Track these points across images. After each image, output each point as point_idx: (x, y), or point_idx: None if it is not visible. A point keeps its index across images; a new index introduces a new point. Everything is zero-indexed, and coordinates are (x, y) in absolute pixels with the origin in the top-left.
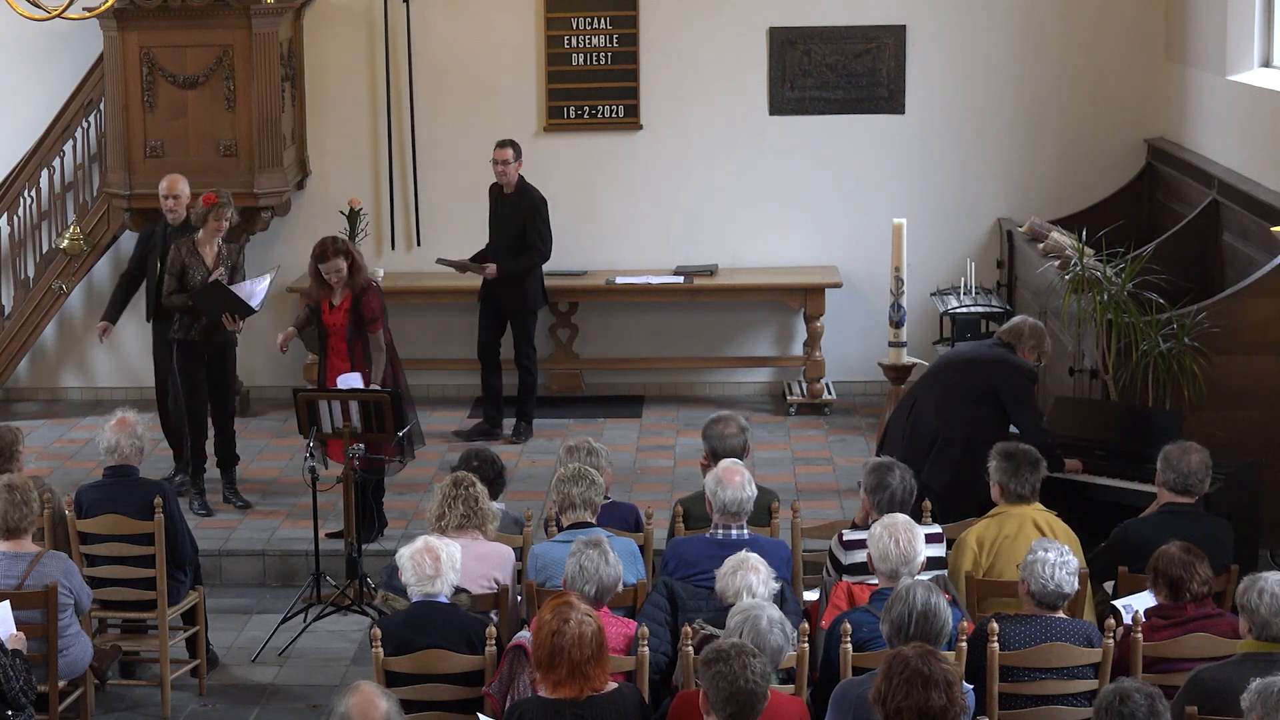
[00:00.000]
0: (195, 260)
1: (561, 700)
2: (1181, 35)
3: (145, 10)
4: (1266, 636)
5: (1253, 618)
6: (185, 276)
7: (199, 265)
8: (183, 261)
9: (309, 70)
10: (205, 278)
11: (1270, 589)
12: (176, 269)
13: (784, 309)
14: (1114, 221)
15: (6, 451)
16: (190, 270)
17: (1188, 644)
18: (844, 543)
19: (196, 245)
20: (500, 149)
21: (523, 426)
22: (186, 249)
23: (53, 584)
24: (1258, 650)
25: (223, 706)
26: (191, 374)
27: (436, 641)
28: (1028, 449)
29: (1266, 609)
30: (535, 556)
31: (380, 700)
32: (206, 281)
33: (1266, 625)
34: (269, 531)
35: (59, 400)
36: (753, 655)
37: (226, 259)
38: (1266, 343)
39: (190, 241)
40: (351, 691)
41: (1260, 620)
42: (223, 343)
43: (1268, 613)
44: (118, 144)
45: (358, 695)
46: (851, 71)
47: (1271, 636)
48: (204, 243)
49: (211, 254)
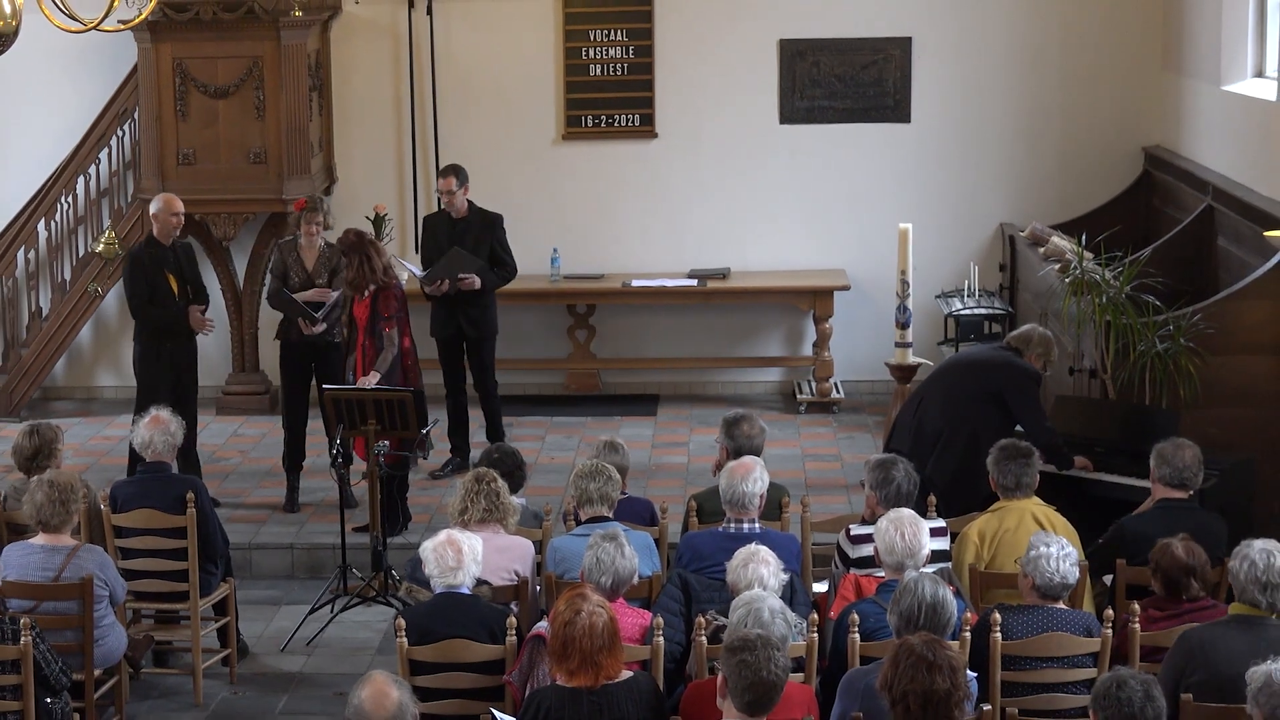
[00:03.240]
0: (296, 263)
1: (578, 688)
2: (1177, 47)
3: (178, 23)
4: (1248, 601)
5: (1235, 583)
6: (286, 278)
7: (299, 268)
8: (284, 264)
9: (336, 80)
10: (304, 281)
11: (1251, 557)
12: (279, 270)
13: (794, 311)
14: (1112, 226)
15: (47, 449)
16: (291, 273)
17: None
18: (851, 537)
19: (299, 249)
20: (444, 179)
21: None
22: (288, 252)
23: (88, 576)
24: (1244, 613)
25: (252, 694)
26: (291, 373)
27: (458, 631)
28: (1016, 442)
29: (1245, 576)
30: (554, 549)
31: (392, 689)
32: (308, 284)
33: (1244, 591)
34: (297, 525)
35: (94, 399)
36: (776, 648)
37: (328, 262)
38: (1260, 343)
39: (293, 245)
40: (365, 682)
41: (1239, 586)
42: (326, 344)
43: (1246, 580)
44: (151, 152)
45: (371, 685)
46: (859, 82)
47: (1251, 601)
48: (305, 246)
49: (313, 257)
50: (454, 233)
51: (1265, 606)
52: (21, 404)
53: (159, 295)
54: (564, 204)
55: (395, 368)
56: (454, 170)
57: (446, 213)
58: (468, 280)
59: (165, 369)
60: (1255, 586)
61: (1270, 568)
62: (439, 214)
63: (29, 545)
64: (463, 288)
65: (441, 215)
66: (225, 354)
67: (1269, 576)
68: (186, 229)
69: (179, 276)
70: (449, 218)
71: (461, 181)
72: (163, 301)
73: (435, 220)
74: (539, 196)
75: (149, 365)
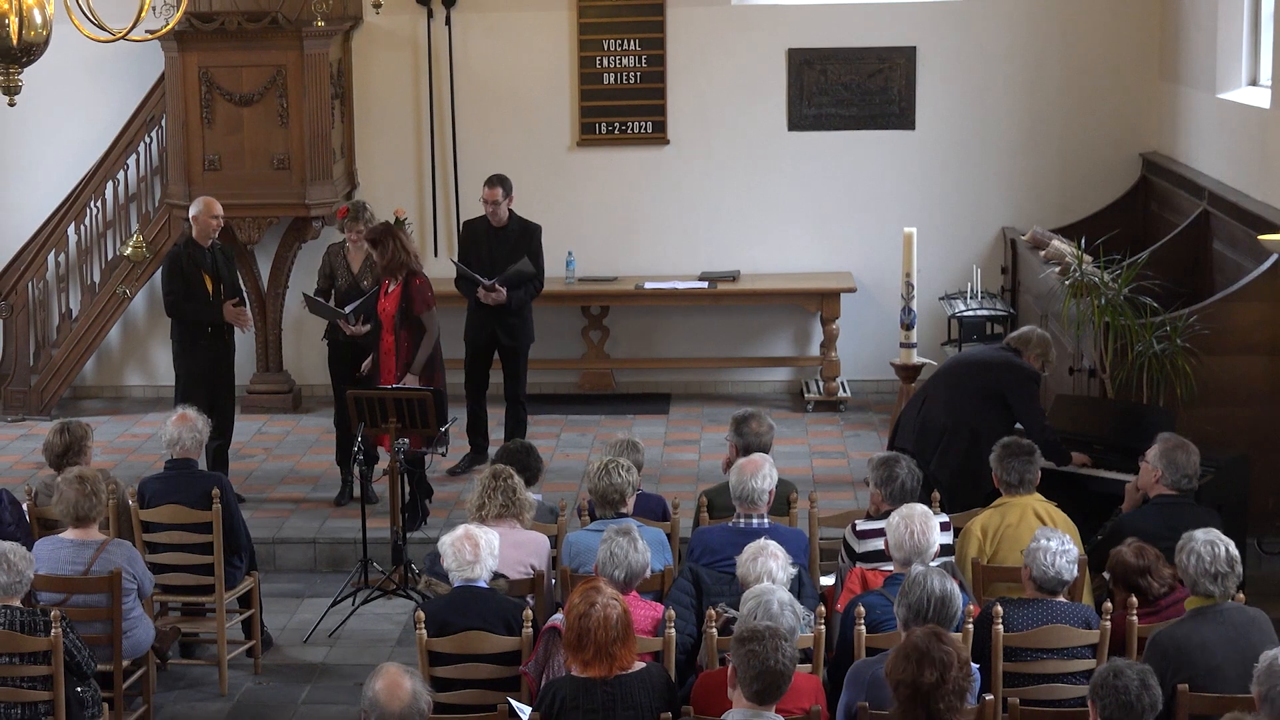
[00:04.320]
0: (343, 265)
1: (593, 679)
2: (1174, 56)
3: (204, 32)
4: (1201, 592)
5: (1185, 577)
6: (334, 280)
7: (345, 271)
8: (332, 266)
9: (357, 88)
10: (350, 283)
11: (1196, 550)
12: (327, 271)
13: (802, 312)
14: (1111, 230)
15: (77, 446)
16: (338, 275)
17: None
18: (857, 532)
19: (346, 254)
20: (489, 188)
21: (475, 456)
22: (337, 255)
23: (117, 570)
24: (1201, 605)
25: (276, 684)
26: (338, 372)
27: (476, 624)
28: (1019, 440)
29: (1195, 569)
30: (569, 544)
31: (405, 680)
32: (354, 286)
33: (1195, 584)
34: (320, 520)
35: (123, 398)
36: (784, 639)
37: (373, 265)
38: (1254, 344)
39: (342, 248)
40: (379, 674)
41: (1190, 579)
42: (369, 342)
43: (1195, 573)
44: (178, 158)
45: (385, 677)
46: (865, 90)
47: (1205, 592)
48: (352, 250)
49: (359, 260)
50: (493, 240)
51: (1220, 594)
52: (52, 403)
53: (194, 294)
54: (579, 209)
55: (438, 352)
56: (499, 180)
57: (486, 219)
58: (495, 294)
59: (201, 365)
60: (1206, 578)
61: (1216, 558)
62: (479, 220)
63: (59, 540)
64: (489, 301)
65: (481, 221)
66: (250, 354)
67: (1216, 566)
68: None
69: (214, 277)
70: (489, 224)
71: (507, 192)
72: (197, 300)
73: (475, 226)
74: (554, 201)
75: (185, 362)
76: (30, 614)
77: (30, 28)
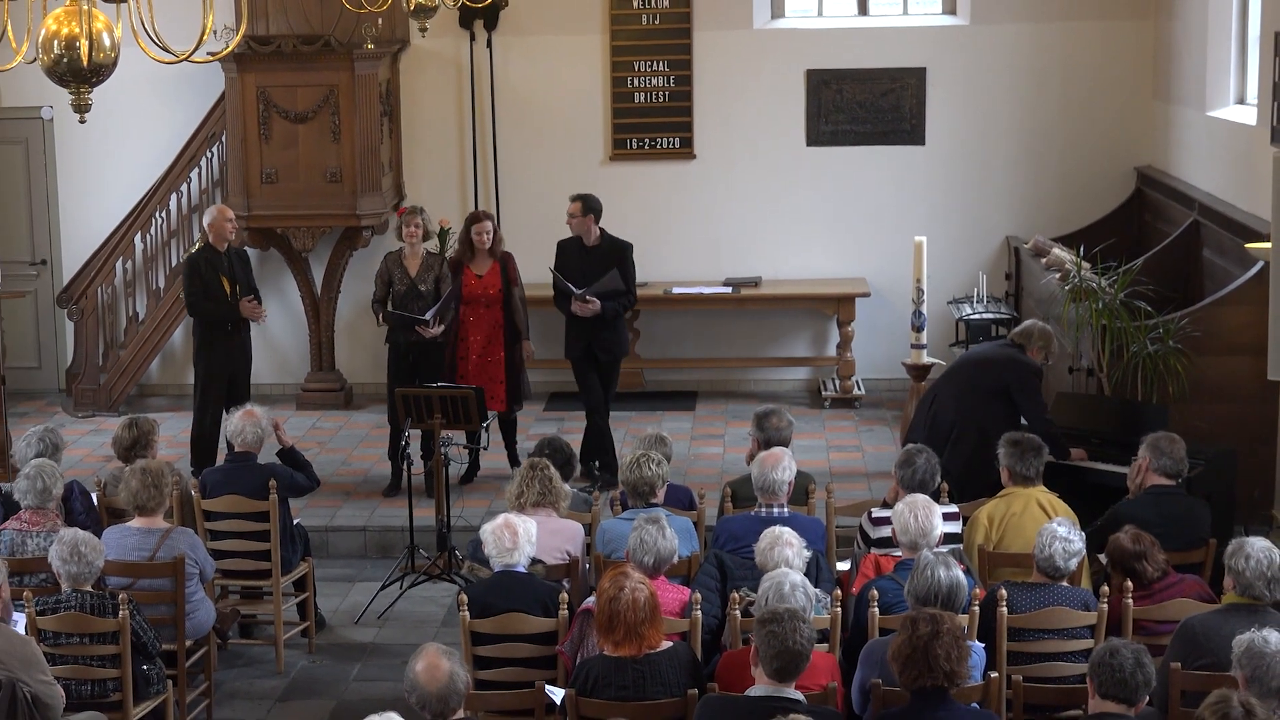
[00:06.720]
0: (400, 271)
1: (623, 658)
2: (1167, 76)
3: (261, 55)
4: (1250, 595)
5: (1238, 578)
6: (391, 285)
7: (403, 276)
8: (389, 271)
9: (404, 106)
10: (409, 287)
11: (1255, 555)
12: (384, 277)
13: (819, 315)
14: (1108, 239)
15: (144, 439)
16: (395, 280)
17: (1171, 608)
18: (872, 520)
19: (403, 259)
20: (570, 204)
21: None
22: (393, 261)
23: (180, 556)
24: (1242, 602)
25: (329, 662)
26: (398, 374)
27: (515, 606)
28: (1032, 437)
29: (1251, 573)
30: (602, 531)
31: (444, 661)
32: (412, 289)
33: (1250, 586)
34: (370, 510)
35: (185, 395)
36: (803, 621)
37: (430, 269)
38: (1241, 345)
39: (398, 255)
40: (420, 655)
41: (1245, 581)
42: (430, 344)
43: (1252, 576)
44: (237, 171)
45: (425, 658)
46: (878, 108)
47: (1254, 596)
48: (408, 255)
49: (416, 264)
50: (584, 258)
51: (1269, 599)
52: (120, 400)
53: (212, 295)
54: (611, 219)
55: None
56: (579, 197)
57: (579, 238)
58: (589, 305)
59: (220, 360)
60: (1261, 581)
61: (1273, 564)
62: (571, 240)
63: (126, 528)
64: (582, 313)
65: (574, 241)
66: (304, 355)
67: (1272, 571)
68: (270, 240)
69: (231, 278)
70: (580, 243)
71: (588, 209)
72: (215, 300)
73: (567, 245)
74: None
75: (203, 357)
76: (99, 597)
77: (99, 50)
